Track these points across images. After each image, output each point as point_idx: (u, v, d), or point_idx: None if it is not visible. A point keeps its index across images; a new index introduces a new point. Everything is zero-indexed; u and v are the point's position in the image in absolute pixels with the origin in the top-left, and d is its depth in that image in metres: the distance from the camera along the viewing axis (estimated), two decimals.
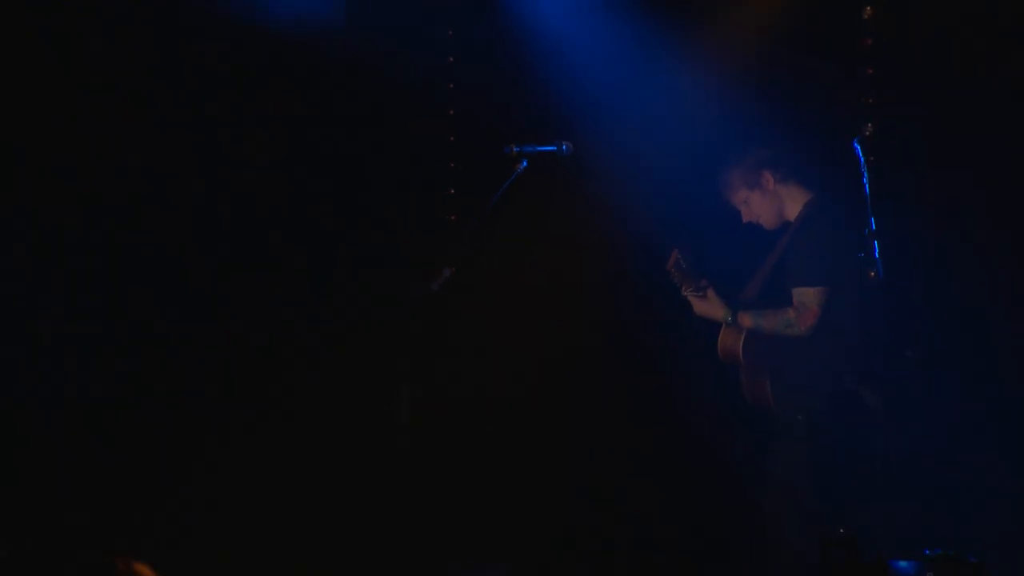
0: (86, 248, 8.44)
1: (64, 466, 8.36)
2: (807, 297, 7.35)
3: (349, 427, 8.34)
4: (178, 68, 8.55)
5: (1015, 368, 7.83)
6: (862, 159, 7.08)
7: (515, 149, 7.61)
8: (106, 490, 8.30)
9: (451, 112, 8.89)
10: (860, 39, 8.03)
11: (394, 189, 8.93)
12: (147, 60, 8.60)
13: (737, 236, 7.72)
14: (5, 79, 8.41)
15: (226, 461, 8.47)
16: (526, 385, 8.80)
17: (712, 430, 8.23)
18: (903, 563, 4.34)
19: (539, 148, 7.55)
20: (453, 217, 8.77)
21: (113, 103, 8.51)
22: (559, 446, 8.73)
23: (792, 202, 7.63)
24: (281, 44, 8.64)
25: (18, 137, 8.43)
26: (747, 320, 7.44)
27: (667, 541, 8.52)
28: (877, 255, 7.05)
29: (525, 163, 7.52)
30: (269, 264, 8.72)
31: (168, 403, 8.55)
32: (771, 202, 7.66)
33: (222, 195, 8.60)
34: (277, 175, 8.76)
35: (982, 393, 7.87)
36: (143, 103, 8.53)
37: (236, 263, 8.65)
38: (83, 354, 8.39)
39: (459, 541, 8.36)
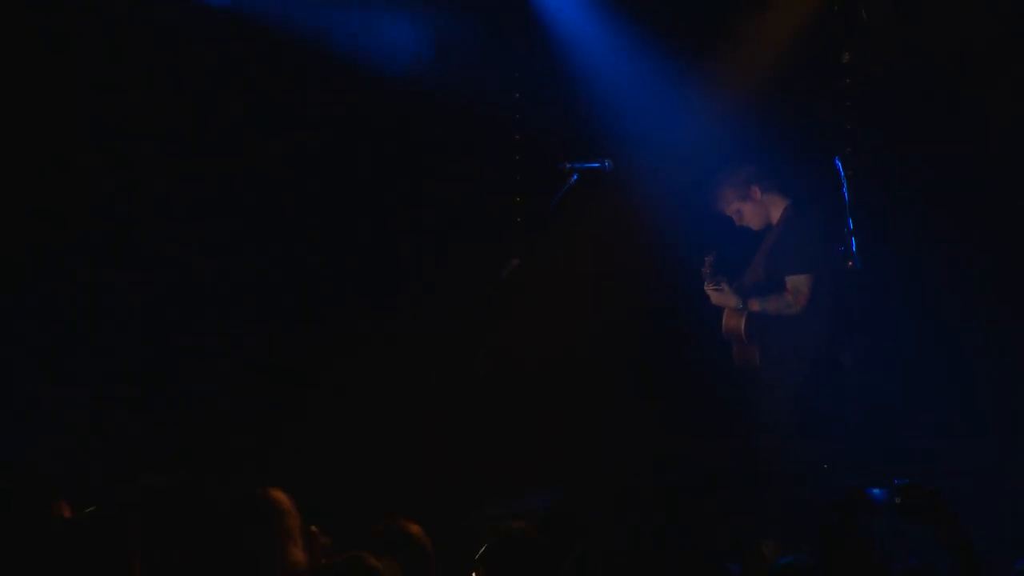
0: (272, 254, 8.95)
1: (217, 415, 8.46)
2: (799, 283, 7.52)
3: (439, 375, 8.43)
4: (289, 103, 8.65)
5: (966, 334, 7.83)
6: (842, 173, 7.06)
7: (568, 165, 7.66)
8: (251, 432, 8.37)
9: (517, 137, 8.92)
10: (841, 78, 7.99)
11: (475, 197, 9.16)
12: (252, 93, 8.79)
13: (730, 235, 7.73)
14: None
15: (339, 406, 8.72)
16: (573, 347, 8.97)
17: (718, 389, 8.24)
18: (876, 490, 4.34)
19: (586, 164, 7.54)
20: (519, 219, 8.74)
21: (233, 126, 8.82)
22: (599, 396, 8.74)
23: (775, 208, 7.80)
24: (393, 88, 8.95)
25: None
26: (755, 305, 7.59)
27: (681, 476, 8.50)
28: (854, 248, 7.01)
29: (576, 176, 7.56)
30: (388, 254, 9.17)
31: (298, 364, 8.88)
32: (759, 210, 7.82)
33: (353, 205, 9.08)
34: (388, 188, 9.13)
35: (941, 355, 7.89)
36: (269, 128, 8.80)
37: (361, 259, 9.11)
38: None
39: (515, 472, 8.28)
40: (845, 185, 7.37)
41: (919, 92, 8.27)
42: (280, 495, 4.95)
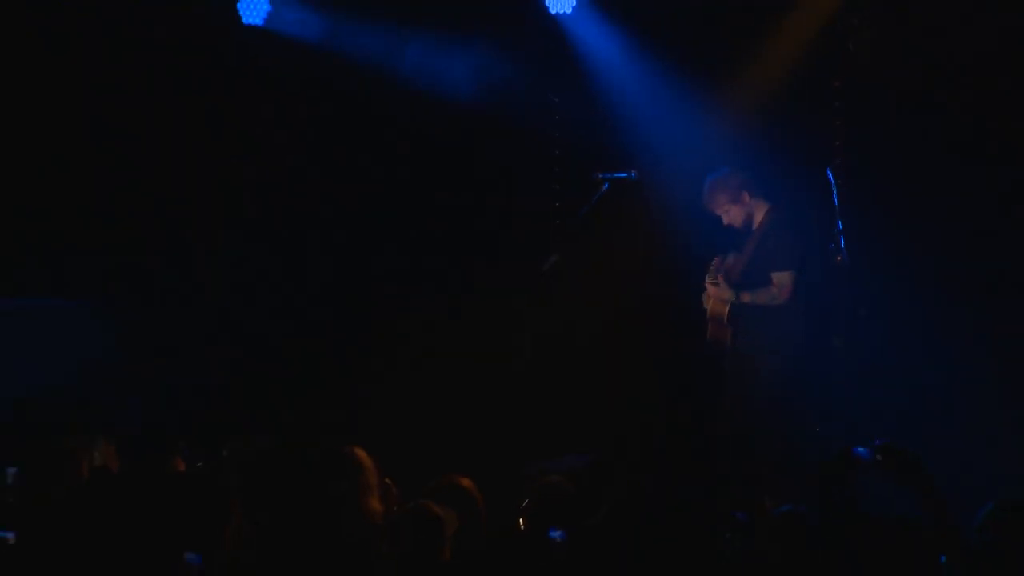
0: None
1: (307, 387, 8.80)
2: (783, 279, 7.69)
3: (487, 354, 8.62)
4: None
5: (945, 318, 7.87)
6: (833, 180, 7.11)
7: (599, 175, 7.69)
8: (338, 399, 8.76)
9: (556, 151, 9.00)
10: (832, 101, 8.05)
11: (521, 203, 9.47)
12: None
13: (717, 233, 7.86)
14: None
15: (410, 382, 9.11)
16: (602, 331, 9.11)
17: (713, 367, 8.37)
18: (860, 449, 4.39)
19: (616, 175, 7.58)
20: (558, 221, 8.86)
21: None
22: (623, 372, 8.90)
23: (759, 211, 7.91)
24: (453, 112, 9.28)
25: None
26: (746, 297, 7.60)
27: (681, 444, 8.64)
28: (843, 245, 7.06)
29: (607, 185, 7.61)
30: (450, 251, 9.44)
31: (375, 348, 9.39)
32: (746, 212, 7.82)
33: (422, 211, 9.48)
34: (449, 196, 9.45)
35: (922, 336, 7.92)
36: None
37: (428, 255, 9.44)
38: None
39: (554, 437, 8.42)
40: (835, 191, 7.43)
41: (902, 110, 8.34)
42: (362, 453, 5.06)
